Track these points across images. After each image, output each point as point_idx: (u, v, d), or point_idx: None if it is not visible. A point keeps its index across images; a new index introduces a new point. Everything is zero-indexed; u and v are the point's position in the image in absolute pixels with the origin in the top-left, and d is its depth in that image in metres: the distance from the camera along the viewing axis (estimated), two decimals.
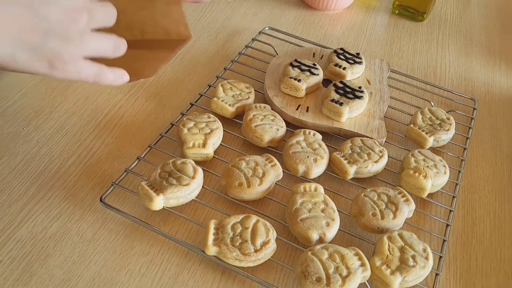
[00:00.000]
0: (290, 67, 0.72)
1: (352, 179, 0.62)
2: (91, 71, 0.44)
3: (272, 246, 0.52)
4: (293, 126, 0.69)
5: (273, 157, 0.60)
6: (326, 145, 0.64)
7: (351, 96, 0.68)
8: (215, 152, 0.63)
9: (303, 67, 0.72)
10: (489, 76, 0.86)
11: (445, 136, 0.67)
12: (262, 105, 0.67)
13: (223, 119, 0.68)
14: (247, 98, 0.69)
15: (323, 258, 0.49)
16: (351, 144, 0.63)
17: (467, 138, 0.71)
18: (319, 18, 0.96)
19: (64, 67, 0.42)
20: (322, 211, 0.54)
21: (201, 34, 0.87)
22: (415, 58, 0.88)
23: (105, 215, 0.57)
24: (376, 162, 0.61)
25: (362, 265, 0.50)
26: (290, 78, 0.70)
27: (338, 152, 0.62)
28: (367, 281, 0.51)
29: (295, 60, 0.73)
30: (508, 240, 0.60)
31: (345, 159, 0.61)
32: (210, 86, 0.74)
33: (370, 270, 0.50)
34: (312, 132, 0.64)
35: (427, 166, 0.61)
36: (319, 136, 0.64)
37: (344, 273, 0.48)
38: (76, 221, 0.56)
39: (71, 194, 0.59)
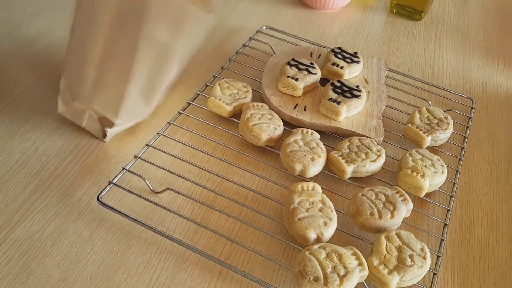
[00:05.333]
0: (288, 66, 0.72)
1: (350, 178, 0.62)
2: None
3: None
4: (290, 125, 0.69)
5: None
6: (324, 144, 0.63)
7: (348, 95, 0.68)
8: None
9: (300, 66, 0.72)
10: (487, 75, 0.86)
11: (443, 136, 0.67)
12: (260, 104, 0.67)
13: (219, 118, 0.67)
14: (244, 97, 0.69)
15: (321, 257, 0.49)
16: (348, 143, 0.63)
17: (465, 137, 0.71)
18: (317, 17, 0.96)
19: None
20: (320, 210, 0.54)
21: None
22: (412, 57, 0.88)
23: (102, 215, 0.57)
24: (374, 161, 0.61)
25: (360, 264, 0.50)
26: (288, 77, 0.69)
27: (335, 151, 0.62)
28: (365, 280, 0.51)
29: (293, 59, 0.73)
30: (506, 239, 0.60)
31: (343, 158, 0.61)
32: (207, 85, 0.74)
33: (367, 269, 0.50)
34: (310, 131, 0.64)
35: (425, 166, 0.61)
36: (316, 135, 0.64)
37: (342, 272, 0.48)
38: (73, 221, 0.56)
39: (68, 193, 0.59)
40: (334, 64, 0.74)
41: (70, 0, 0.58)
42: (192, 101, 0.71)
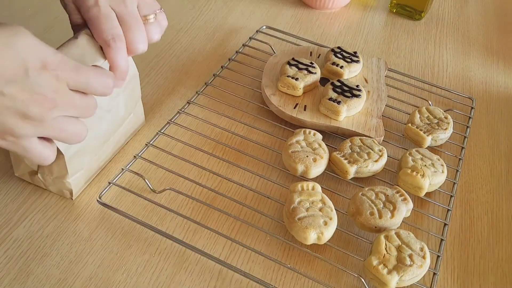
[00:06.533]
0: (288, 66, 0.72)
1: (350, 178, 0.62)
2: (40, 153, 0.46)
3: None
4: (291, 125, 0.69)
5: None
6: (326, 144, 0.63)
7: (348, 94, 0.68)
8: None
9: (300, 66, 0.72)
10: (487, 75, 0.86)
11: (443, 135, 0.67)
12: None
13: (220, 117, 0.67)
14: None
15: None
16: (350, 144, 0.63)
17: (465, 137, 0.71)
18: (317, 16, 0.96)
19: (14, 141, 0.43)
20: (320, 210, 0.54)
21: (198, 33, 0.87)
22: (412, 57, 0.88)
23: (102, 214, 0.57)
24: (376, 161, 0.61)
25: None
26: (288, 76, 0.69)
27: (338, 152, 0.62)
28: (364, 280, 0.51)
29: (293, 59, 0.73)
30: (506, 239, 0.60)
31: (345, 159, 0.61)
32: (207, 84, 0.74)
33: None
34: (313, 131, 0.64)
35: (425, 165, 0.61)
36: (319, 136, 0.64)
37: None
38: (72, 220, 0.56)
39: None
40: (333, 63, 0.74)
41: None
42: (192, 101, 0.71)
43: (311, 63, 0.73)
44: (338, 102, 0.66)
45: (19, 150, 0.44)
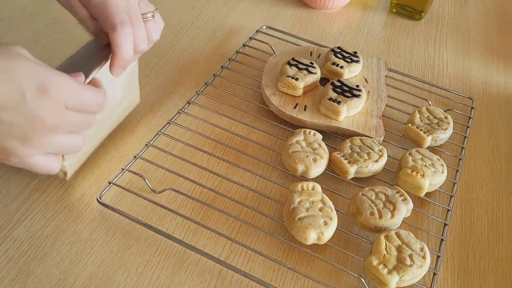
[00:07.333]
0: (288, 66, 0.72)
1: (351, 178, 0.62)
2: (45, 167, 0.46)
3: None
4: (291, 125, 0.69)
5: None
6: (326, 144, 0.63)
7: (348, 94, 0.68)
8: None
9: (300, 66, 0.72)
10: (487, 75, 0.86)
11: (443, 135, 0.67)
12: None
13: (220, 117, 0.67)
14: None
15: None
16: (350, 144, 0.63)
17: (465, 137, 0.71)
18: (317, 16, 0.96)
19: (17, 162, 0.44)
20: (320, 210, 0.54)
21: (198, 33, 0.87)
22: (412, 57, 0.88)
23: (102, 214, 0.57)
24: (376, 161, 0.61)
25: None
26: (288, 76, 0.69)
27: (338, 152, 0.62)
28: (364, 280, 0.51)
29: (293, 59, 0.73)
30: (506, 239, 0.60)
31: (345, 159, 0.61)
32: (207, 84, 0.74)
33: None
34: (313, 132, 0.64)
35: (425, 165, 0.61)
36: (319, 136, 0.64)
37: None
38: (73, 220, 0.56)
39: (68, 193, 0.59)
40: (334, 63, 0.74)
41: None
42: (192, 101, 0.71)
43: (311, 63, 0.73)
44: (338, 102, 0.66)
45: (25, 167, 0.45)
